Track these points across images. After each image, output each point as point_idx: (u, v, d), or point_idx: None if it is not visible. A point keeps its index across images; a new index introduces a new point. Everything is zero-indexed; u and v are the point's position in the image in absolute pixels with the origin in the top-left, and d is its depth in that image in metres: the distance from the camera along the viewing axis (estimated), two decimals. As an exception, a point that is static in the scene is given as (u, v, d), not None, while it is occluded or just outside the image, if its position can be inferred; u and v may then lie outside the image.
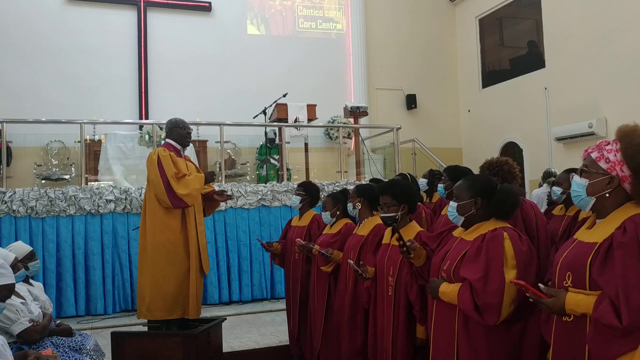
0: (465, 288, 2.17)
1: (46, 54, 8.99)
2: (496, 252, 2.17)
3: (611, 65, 7.71)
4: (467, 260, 2.24)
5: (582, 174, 1.89)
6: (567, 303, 1.78)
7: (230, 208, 6.58)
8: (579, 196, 1.89)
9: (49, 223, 5.91)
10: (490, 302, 2.10)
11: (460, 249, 2.32)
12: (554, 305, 1.81)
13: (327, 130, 9.71)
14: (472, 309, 2.13)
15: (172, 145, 4.05)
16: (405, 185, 3.07)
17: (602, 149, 1.85)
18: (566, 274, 1.83)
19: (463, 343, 2.22)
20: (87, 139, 7.41)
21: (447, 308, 2.29)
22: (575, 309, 1.77)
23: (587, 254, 1.78)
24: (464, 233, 2.40)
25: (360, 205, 3.47)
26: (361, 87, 10.46)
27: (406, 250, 2.50)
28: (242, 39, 10.06)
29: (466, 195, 2.39)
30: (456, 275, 2.26)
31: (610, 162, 1.81)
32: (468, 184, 2.44)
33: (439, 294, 2.30)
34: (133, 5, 9.55)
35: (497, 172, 3.20)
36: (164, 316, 3.86)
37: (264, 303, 6.46)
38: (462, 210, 2.38)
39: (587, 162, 1.89)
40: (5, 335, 2.86)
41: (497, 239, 2.21)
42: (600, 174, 1.83)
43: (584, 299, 1.75)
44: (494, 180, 2.56)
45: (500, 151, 9.79)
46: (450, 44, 11.28)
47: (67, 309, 5.84)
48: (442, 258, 2.40)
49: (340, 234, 3.71)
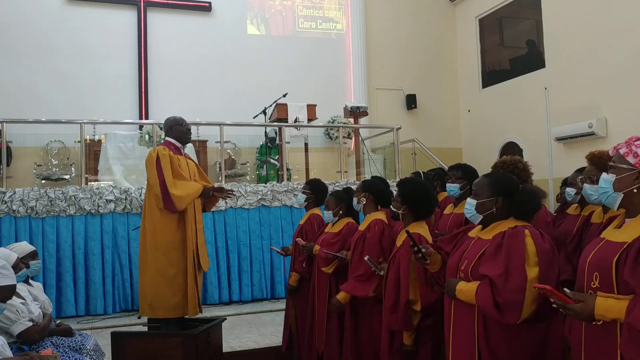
0: (485, 285, 2.07)
1: (46, 54, 8.99)
2: (517, 249, 2.07)
3: (611, 65, 7.70)
4: (487, 258, 2.14)
5: (609, 170, 1.82)
6: (597, 308, 1.66)
7: (230, 208, 6.58)
8: (606, 192, 1.80)
9: (49, 223, 5.92)
10: (511, 299, 1.99)
11: (478, 248, 2.22)
12: (583, 311, 1.68)
13: (327, 130, 9.71)
14: (492, 306, 2.03)
15: (172, 143, 4.04)
16: (413, 188, 2.96)
17: (631, 144, 1.78)
18: (593, 274, 1.73)
19: (484, 345, 2.11)
20: (87, 139, 7.41)
21: (467, 310, 2.18)
22: (605, 315, 1.65)
23: (613, 254, 1.68)
24: (481, 232, 2.30)
25: (365, 200, 3.44)
26: (361, 87, 10.45)
27: (421, 257, 2.39)
28: (242, 39, 10.06)
29: (487, 193, 2.28)
30: (474, 274, 2.16)
31: (638, 157, 1.74)
32: (490, 181, 2.33)
33: (456, 292, 2.19)
34: (133, 5, 9.55)
35: (512, 171, 3.16)
36: (166, 314, 3.85)
37: (264, 303, 6.46)
38: (482, 209, 2.28)
39: (615, 158, 1.81)
40: (5, 335, 2.86)
41: (519, 235, 2.10)
42: (628, 169, 1.75)
43: (614, 304, 1.64)
44: (516, 179, 2.44)
45: (500, 151, 9.79)
46: (450, 44, 11.28)
47: (67, 309, 5.84)
48: (459, 259, 2.29)
49: (341, 233, 3.70)
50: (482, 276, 2.11)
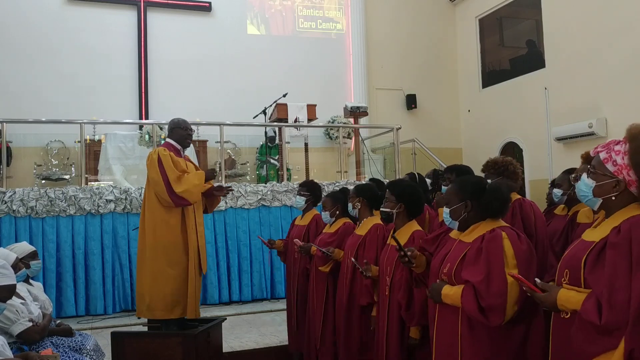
0: (469, 290, 2.16)
1: (46, 54, 8.99)
2: (496, 253, 2.16)
3: (611, 66, 7.70)
4: (468, 262, 2.23)
5: (589, 175, 1.88)
6: (559, 298, 1.80)
7: (230, 208, 6.58)
8: (586, 196, 1.90)
9: (49, 223, 5.92)
10: (494, 303, 2.09)
11: (459, 251, 2.30)
12: (547, 300, 1.83)
13: (327, 130, 9.71)
14: (476, 311, 2.12)
15: (172, 145, 4.05)
16: (407, 186, 3.06)
17: (611, 150, 1.84)
18: (564, 271, 1.85)
19: (467, 345, 2.20)
20: (87, 139, 7.41)
21: (450, 311, 2.27)
22: (566, 305, 1.79)
23: (584, 252, 1.79)
24: (462, 235, 2.38)
25: (360, 205, 3.49)
26: (361, 87, 10.45)
27: (408, 260, 2.47)
28: (242, 39, 10.06)
29: (455, 199, 2.39)
30: (457, 278, 2.24)
31: (617, 165, 1.80)
32: (456, 187, 2.44)
33: (442, 297, 2.27)
34: (133, 5, 9.55)
35: (502, 171, 3.19)
36: (164, 315, 3.86)
37: (264, 303, 6.46)
38: (455, 215, 2.39)
39: (595, 163, 1.88)
40: (5, 335, 2.86)
41: (496, 239, 2.19)
42: (607, 176, 1.82)
43: (575, 296, 1.77)
44: (483, 180, 2.53)
45: (500, 151, 9.79)
46: (450, 44, 11.28)
47: (67, 309, 5.84)
48: (441, 261, 2.38)
49: (338, 233, 3.73)
50: (465, 281, 2.20)
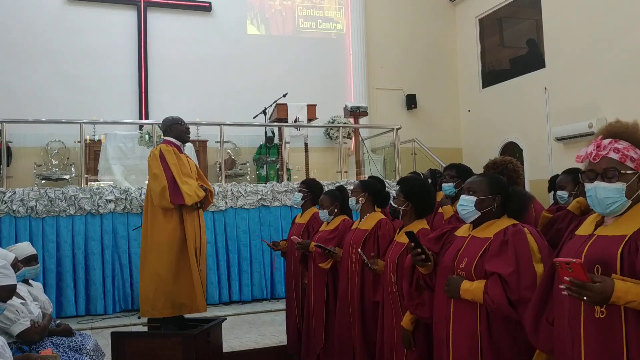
0: (495, 284, 2.11)
1: (46, 54, 8.99)
2: (523, 247, 2.14)
3: (611, 66, 7.70)
4: (492, 255, 2.18)
5: (612, 179, 1.78)
6: (617, 289, 1.61)
7: (230, 208, 6.58)
8: (616, 202, 1.76)
9: (49, 223, 5.92)
10: (525, 296, 2.04)
11: (476, 246, 2.25)
12: (602, 291, 1.61)
13: (327, 130, 9.71)
14: (506, 304, 2.08)
15: (172, 142, 4.03)
16: (416, 185, 2.98)
17: (619, 150, 1.78)
18: (594, 268, 1.72)
19: (486, 343, 2.15)
20: (87, 139, 7.40)
21: (468, 308, 2.21)
22: (623, 296, 1.61)
23: (616, 245, 1.70)
24: (475, 231, 2.34)
25: (364, 200, 3.46)
26: (361, 87, 10.45)
27: (425, 258, 2.35)
28: (242, 39, 10.06)
29: (487, 191, 2.33)
30: (478, 272, 2.19)
31: (635, 161, 1.76)
32: (489, 179, 2.41)
33: (461, 292, 2.20)
34: (133, 5, 9.55)
35: (502, 172, 3.17)
36: (172, 313, 3.85)
37: (264, 303, 6.46)
38: (481, 205, 2.31)
39: (614, 165, 1.78)
40: (5, 335, 2.86)
41: (521, 233, 2.18)
42: (631, 174, 1.76)
43: (633, 287, 1.61)
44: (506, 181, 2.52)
45: (500, 151, 9.79)
46: (450, 44, 11.28)
47: (67, 309, 5.84)
48: (454, 257, 2.31)
49: (337, 230, 3.71)
50: (490, 274, 2.15)
